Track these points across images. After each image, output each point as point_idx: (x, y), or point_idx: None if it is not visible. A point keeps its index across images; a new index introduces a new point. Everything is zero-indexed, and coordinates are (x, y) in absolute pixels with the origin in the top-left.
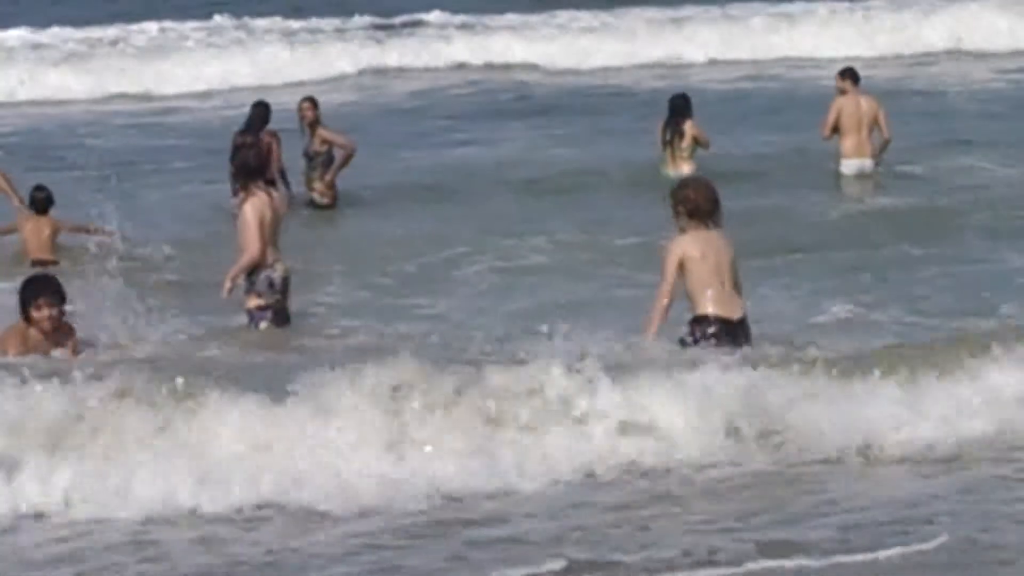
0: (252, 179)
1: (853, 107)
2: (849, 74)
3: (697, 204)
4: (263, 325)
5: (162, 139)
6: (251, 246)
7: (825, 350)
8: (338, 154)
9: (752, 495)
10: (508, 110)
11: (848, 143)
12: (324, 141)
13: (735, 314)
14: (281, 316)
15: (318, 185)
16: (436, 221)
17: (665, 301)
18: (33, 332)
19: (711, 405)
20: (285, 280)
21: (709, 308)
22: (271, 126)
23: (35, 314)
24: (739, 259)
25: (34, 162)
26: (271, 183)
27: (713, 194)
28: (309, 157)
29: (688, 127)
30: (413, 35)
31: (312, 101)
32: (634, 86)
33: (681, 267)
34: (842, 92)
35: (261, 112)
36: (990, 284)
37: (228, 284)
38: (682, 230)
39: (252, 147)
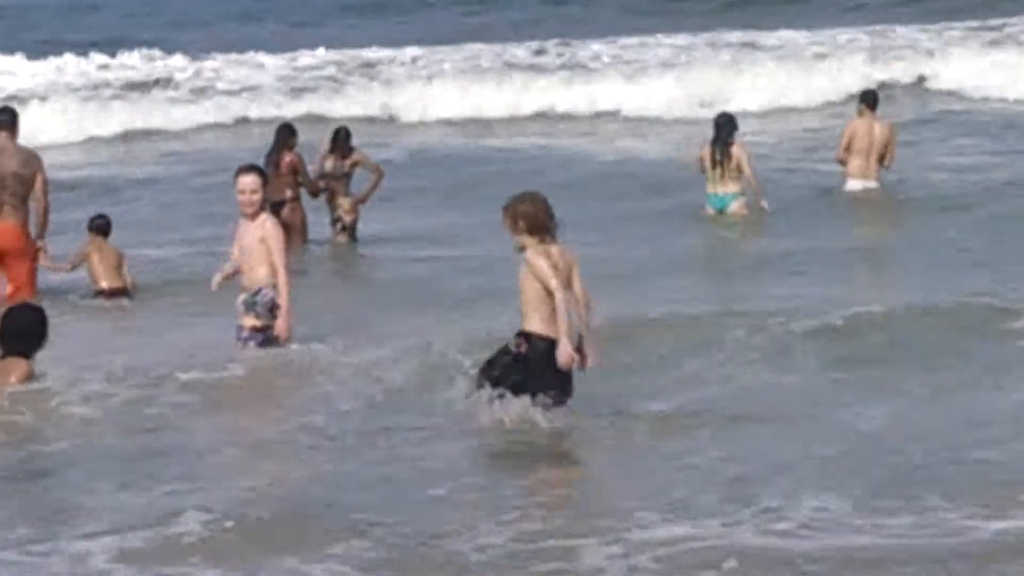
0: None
1: (865, 130)
2: (867, 97)
3: (537, 218)
4: (251, 346)
5: None
6: (284, 264)
7: None
8: (369, 178)
9: None
10: None
11: (855, 163)
12: (354, 163)
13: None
14: (270, 339)
15: (344, 202)
16: None
17: (559, 296)
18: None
19: None
20: None
21: (537, 326)
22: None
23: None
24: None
25: None
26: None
27: (549, 207)
28: (333, 176)
29: (735, 148)
30: None
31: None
32: None
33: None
34: (859, 114)
35: (283, 134)
36: None
37: (286, 322)
38: (521, 247)
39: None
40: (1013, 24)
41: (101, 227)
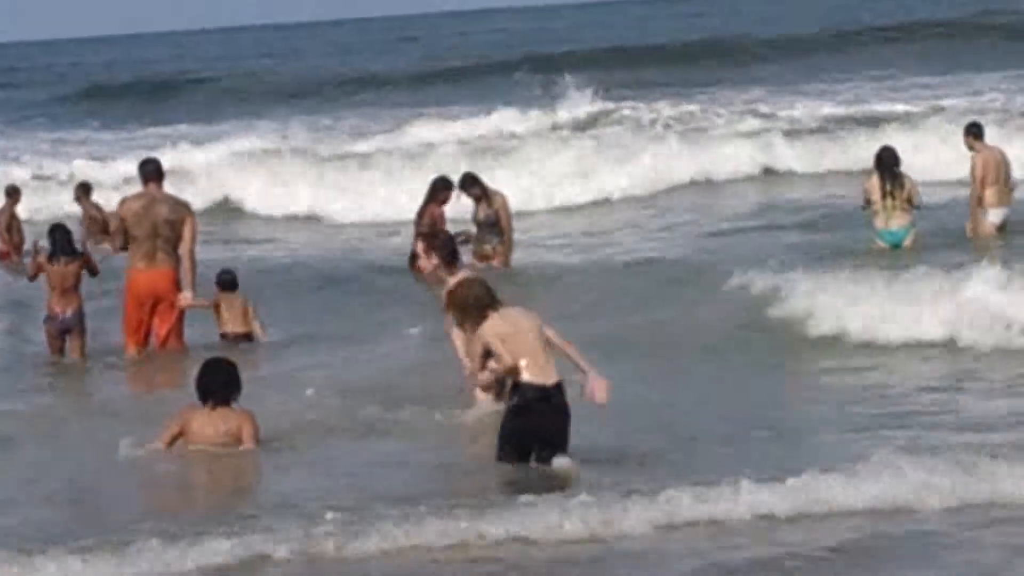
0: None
1: (993, 159)
2: (976, 129)
3: (479, 300)
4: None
5: None
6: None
7: None
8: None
9: None
10: None
11: (990, 193)
12: (496, 209)
13: (550, 379)
14: None
15: (500, 248)
16: None
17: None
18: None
19: None
20: None
21: (525, 376)
22: None
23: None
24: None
25: None
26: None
27: (486, 285)
28: (480, 224)
29: (907, 179)
30: None
31: (474, 178)
32: None
33: (502, 343)
34: (971, 148)
35: (436, 185)
36: None
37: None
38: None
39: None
40: None
41: (227, 283)
